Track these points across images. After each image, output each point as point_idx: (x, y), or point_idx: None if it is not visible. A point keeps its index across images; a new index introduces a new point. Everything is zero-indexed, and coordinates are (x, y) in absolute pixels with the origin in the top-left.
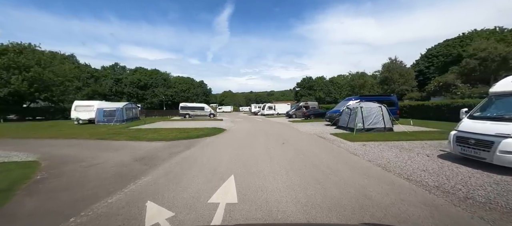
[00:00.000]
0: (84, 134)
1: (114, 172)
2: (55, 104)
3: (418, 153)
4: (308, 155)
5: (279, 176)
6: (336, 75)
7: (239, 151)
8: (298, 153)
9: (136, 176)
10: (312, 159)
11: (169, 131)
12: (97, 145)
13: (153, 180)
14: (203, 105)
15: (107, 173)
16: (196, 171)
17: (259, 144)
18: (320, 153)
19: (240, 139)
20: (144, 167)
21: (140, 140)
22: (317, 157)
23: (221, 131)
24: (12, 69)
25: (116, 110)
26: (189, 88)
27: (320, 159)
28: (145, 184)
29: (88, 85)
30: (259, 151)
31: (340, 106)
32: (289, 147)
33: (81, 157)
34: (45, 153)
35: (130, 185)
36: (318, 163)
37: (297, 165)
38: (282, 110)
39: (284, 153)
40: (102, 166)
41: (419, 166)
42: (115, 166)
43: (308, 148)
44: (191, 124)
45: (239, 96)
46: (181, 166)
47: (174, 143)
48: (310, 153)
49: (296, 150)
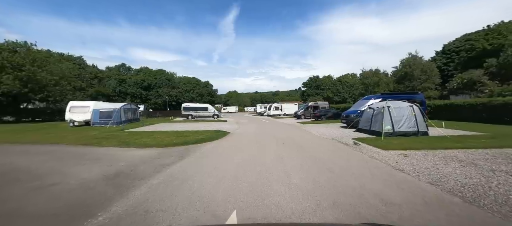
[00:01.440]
0: (70, 138)
1: (64, 203)
2: (51, 105)
3: (492, 170)
4: (339, 172)
5: (307, 214)
6: (344, 74)
7: (244, 165)
8: (323, 168)
9: (90, 212)
10: (347, 180)
11: (165, 135)
12: (74, 153)
13: (111, 221)
14: (206, 106)
15: (52, 203)
16: (181, 201)
17: (269, 153)
18: (351, 167)
19: (246, 146)
20: (110, 192)
21: (129, 145)
22: (352, 175)
23: (224, 135)
24: (6, 68)
25: (113, 112)
26: (194, 88)
27: (359, 180)
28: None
29: (92, 86)
30: (270, 164)
31: (358, 106)
32: (308, 157)
33: (41, 171)
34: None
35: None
36: (358, 187)
37: (328, 192)
38: (289, 110)
39: (304, 168)
40: (57, 189)
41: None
42: (73, 190)
43: (334, 160)
44: (192, 126)
45: (244, 96)
46: (161, 191)
47: (167, 150)
48: (339, 168)
49: (319, 162)
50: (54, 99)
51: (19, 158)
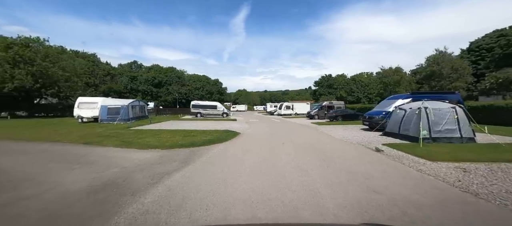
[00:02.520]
0: (74, 135)
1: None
2: (63, 101)
3: None
4: (389, 196)
5: None
6: (358, 73)
7: (259, 178)
8: (363, 186)
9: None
10: (406, 210)
11: (171, 134)
12: (70, 154)
13: None
14: (215, 104)
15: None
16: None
17: (287, 162)
18: (401, 187)
19: (259, 151)
20: (87, 216)
21: (131, 146)
22: (408, 202)
23: (234, 136)
24: (18, 63)
25: (121, 108)
26: (203, 86)
27: (423, 211)
28: None
29: (105, 83)
30: (292, 179)
31: (383, 107)
32: (338, 169)
33: (22, 177)
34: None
35: None
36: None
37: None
38: (301, 110)
39: (338, 186)
40: (26, 205)
41: None
42: (42, 210)
43: (374, 174)
44: (201, 125)
45: (253, 95)
46: (152, 217)
47: (171, 153)
48: (384, 188)
49: (355, 178)
50: (65, 95)
51: (9, 158)
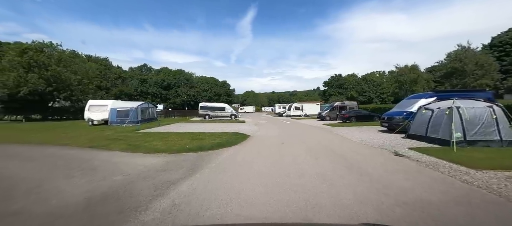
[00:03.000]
0: (82, 139)
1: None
2: (74, 104)
3: None
4: (441, 219)
5: None
6: (369, 72)
7: (278, 189)
8: (399, 201)
9: None
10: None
11: (179, 137)
12: (74, 159)
13: None
14: (224, 105)
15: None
16: None
17: (305, 168)
18: (448, 204)
19: (272, 156)
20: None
21: (137, 150)
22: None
23: (244, 139)
24: (32, 67)
25: (130, 111)
26: (211, 88)
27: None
28: None
29: (116, 86)
30: (313, 190)
31: (403, 107)
32: (364, 179)
33: (19, 186)
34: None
35: None
36: None
37: None
38: (311, 111)
39: (370, 198)
40: (11, 223)
41: None
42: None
43: (411, 187)
44: (209, 127)
45: (261, 96)
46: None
47: (177, 158)
48: (434, 209)
49: (388, 191)
50: (77, 98)
51: (13, 163)
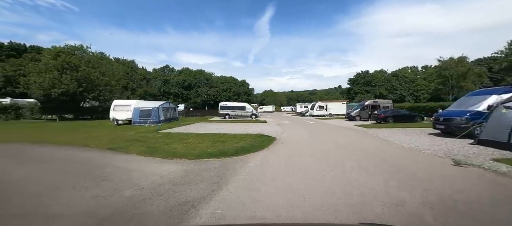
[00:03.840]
0: (103, 140)
1: None
2: (102, 104)
3: None
4: None
5: None
6: (400, 68)
7: (332, 212)
8: None
9: None
10: None
11: (200, 139)
12: (89, 164)
13: None
14: (244, 105)
15: None
16: None
17: (359, 186)
18: None
19: (310, 165)
20: None
21: (155, 154)
22: None
23: (270, 141)
24: (65, 69)
25: (152, 110)
26: (230, 87)
27: None
28: None
29: (141, 86)
30: (385, 217)
31: (466, 106)
32: (457, 209)
33: (11, 198)
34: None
35: None
36: None
37: None
38: (336, 110)
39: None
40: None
41: None
42: None
43: None
44: (230, 127)
45: (280, 95)
46: None
47: (198, 166)
48: None
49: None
50: (104, 98)
51: (25, 167)
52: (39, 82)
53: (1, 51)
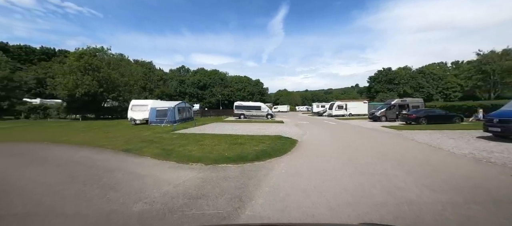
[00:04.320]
0: (119, 140)
1: None
2: (121, 104)
3: None
4: None
5: None
6: (427, 64)
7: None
8: None
9: None
10: None
11: (216, 140)
12: (99, 168)
13: None
14: (259, 104)
15: None
16: None
17: (413, 202)
18: None
19: (341, 172)
20: None
21: (169, 157)
22: None
23: (292, 144)
24: (87, 71)
25: (168, 110)
26: (245, 87)
27: None
28: None
29: (158, 87)
30: None
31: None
32: None
33: (7, 207)
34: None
35: None
36: None
37: None
38: (357, 110)
39: None
40: None
41: None
42: None
43: None
44: (246, 128)
45: (294, 95)
46: None
47: (216, 173)
48: None
49: None
50: (123, 99)
51: (32, 169)
52: (64, 83)
53: (33, 55)
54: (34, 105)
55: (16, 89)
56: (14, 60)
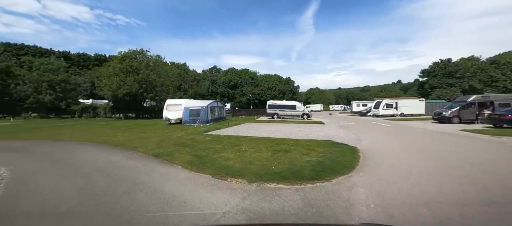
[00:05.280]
0: (152, 141)
1: None
2: (158, 104)
3: None
4: None
5: None
6: (502, 52)
7: None
8: None
9: None
10: None
11: (255, 145)
12: (120, 180)
13: None
14: (294, 103)
15: None
16: None
17: None
18: None
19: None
20: None
21: (203, 168)
22: None
23: (354, 155)
24: (129, 73)
25: (201, 110)
26: (275, 85)
27: None
28: None
29: (192, 87)
30: None
31: None
32: None
33: None
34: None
35: None
36: None
37: None
38: (410, 109)
39: None
40: None
41: None
42: None
43: None
44: (284, 129)
45: (327, 93)
46: None
47: (267, 200)
48: None
49: None
50: (160, 98)
51: (51, 176)
52: (109, 85)
53: (89, 62)
54: (86, 106)
55: (72, 91)
56: (74, 66)
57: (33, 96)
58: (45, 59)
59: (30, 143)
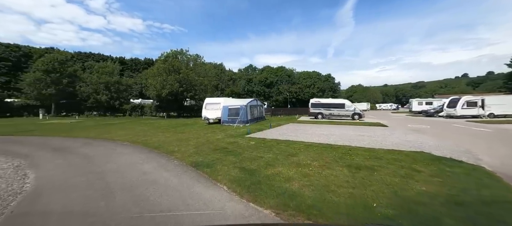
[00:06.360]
0: (190, 144)
1: None
2: (197, 103)
3: None
4: None
5: None
6: None
7: None
8: None
9: None
10: None
11: (317, 155)
12: (147, 207)
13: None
14: (343, 102)
15: None
16: None
17: None
18: None
19: None
20: None
21: (257, 194)
22: None
23: (491, 180)
24: (171, 72)
25: (240, 109)
26: (314, 83)
27: None
28: None
29: (228, 86)
30: None
31: None
32: None
33: None
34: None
35: None
36: None
37: None
38: (505, 108)
39: None
40: None
41: None
42: None
43: None
44: (338, 132)
45: (372, 91)
46: None
47: None
48: None
49: None
50: (199, 97)
51: (64, 192)
52: (153, 85)
53: (139, 65)
54: (135, 104)
55: (124, 91)
56: (128, 70)
57: (93, 96)
58: (103, 63)
59: (74, 142)
